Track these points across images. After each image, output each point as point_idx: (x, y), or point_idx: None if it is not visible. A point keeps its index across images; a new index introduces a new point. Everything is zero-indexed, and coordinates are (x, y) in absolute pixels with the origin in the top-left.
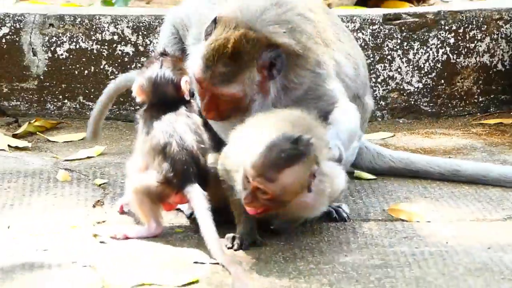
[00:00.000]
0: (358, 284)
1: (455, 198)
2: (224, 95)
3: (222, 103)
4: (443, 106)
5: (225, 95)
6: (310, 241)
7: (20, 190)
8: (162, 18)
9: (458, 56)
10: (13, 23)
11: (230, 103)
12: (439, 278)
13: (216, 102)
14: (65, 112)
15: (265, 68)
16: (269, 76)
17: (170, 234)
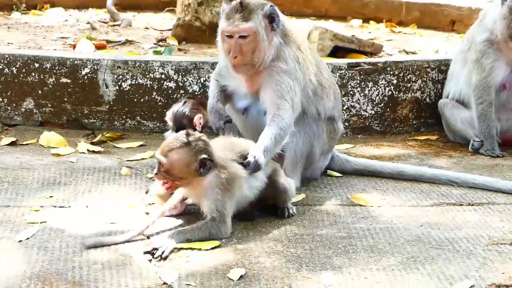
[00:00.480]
0: (330, 250)
1: (397, 190)
2: (245, 30)
3: (244, 45)
4: (388, 127)
5: (245, 30)
6: (296, 219)
7: (95, 181)
8: (196, 63)
9: (399, 92)
10: (92, 65)
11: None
12: (387, 246)
13: (240, 45)
14: (127, 128)
15: (266, 17)
16: (271, 26)
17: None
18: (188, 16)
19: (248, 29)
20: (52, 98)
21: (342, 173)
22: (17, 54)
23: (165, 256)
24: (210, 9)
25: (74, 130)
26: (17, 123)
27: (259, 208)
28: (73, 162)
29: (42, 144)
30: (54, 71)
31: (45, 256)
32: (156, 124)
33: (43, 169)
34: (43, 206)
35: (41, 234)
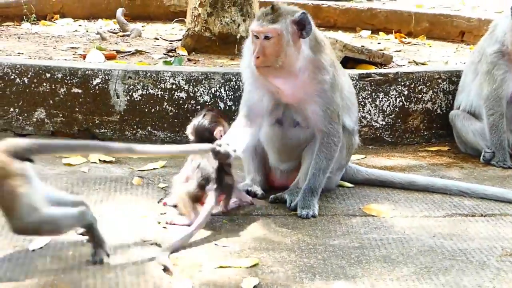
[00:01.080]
0: (343, 260)
1: (409, 201)
2: (269, 31)
3: (267, 47)
4: (399, 137)
5: (270, 30)
6: (309, 229)
7: (107, 190)
8: (206, 73)
9: (410, 103)
10: (104, 75)
11: (273, 46)
12: (400, 256)
13: (263, 47)
14: (138, 137)
15: (295, 23)
16: (300, 33)
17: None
18: (198, 27)
19: (272, 30)
20: (64, 108)
21: (353, 183)
22: (28, 64)
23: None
24: (220, 19)
25: (85, 139)
26: (29, 132)
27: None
28: (85, 171)
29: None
30: (66, 81)
31: (58, 265)
32: (167, 134)
33: (55, 178)
34: None
35: (54, 243)
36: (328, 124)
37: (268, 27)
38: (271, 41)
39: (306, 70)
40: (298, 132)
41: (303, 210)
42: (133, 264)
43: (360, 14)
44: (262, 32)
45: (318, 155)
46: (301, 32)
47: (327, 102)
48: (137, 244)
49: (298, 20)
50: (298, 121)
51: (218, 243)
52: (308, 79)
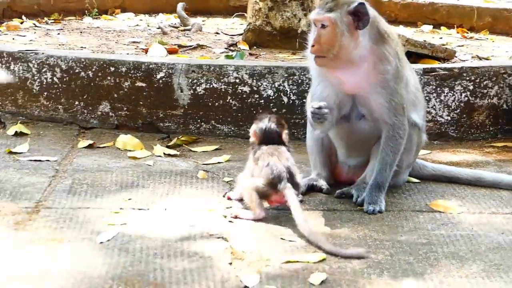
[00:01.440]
0: (411, 256)
1: (476, 197)
2: (324, 20)
3: (323, 36)
4: (464, 133)
5: (324, 19)
6: (375, 225)
7: (172, 183)
8: (270, 67)
9: (476, 98)
10: (167, 70)
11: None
12: (468, 253)
13: (319, 35)
14: (201, 131)
15: (351, 14)
16: (357, 25)
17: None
18: (259, 21)
19: (327, 19)
20: (128, 102)
21: (419, 179)
22: (93, 58)
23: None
24: (281, 14)
25: (149, 133)
26: (93, 126)
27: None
28: (150, 165)
29: (118, 147)
30: (130, 75)
31: (126, 258)
32: (230, 128)
33: (120, 171)
34: (122, 208)
35: (121, 236)
36: (393, 116)
37: (324, 16)
38: (326, 29)
39: (367, 60)
40: (364, 126)
41: (369, 206)
42: (200, 258)
43: (421, 9)
44: (318, 20)
45: (384, 149)
46: (357, 23)
47: (390, 93)
48: (203, 237)
49: (353, 10)
50: (364, 113)
51: (285, 238)
52: (369, 69)
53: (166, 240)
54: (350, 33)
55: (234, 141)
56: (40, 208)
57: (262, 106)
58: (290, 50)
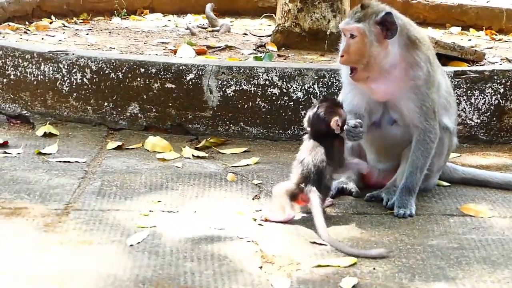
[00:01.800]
0: (443, 261)
1: (507, 201)
2: (352, 29)
3: (352, 46)
4: (494, 136)
5: (353, 29)
6: (406, 229)
7: (201, 186)
8: (300, 69)
9: (506, 101)
10: (197, 71)
11: (357, 45)
12: (500, 258)
13: (349, 45)
14: (230, 133)
15: (378, 24)
16: (386, 34)
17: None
18: (288, 22)
19: (356, 29)
20: (157, 103)
21: (449, 182)
22: (123, 59)
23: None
24: (310, 15)
25: (178, 135)
26: (122, 127)
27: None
28: (179, 167)
29: (147, 149)
30: (159, 76)
31: (156, 261)
32: (259, 130)
33: (149, 173)
34: (152, 210)
35: (151, 238)
36: (424, 120)
37: (353, 26)
38: (355, 39)
39: (397, 67)
40: (396, 131)
41: (400, 209)
42: (230, 261)
43: (450, 10)
44: (347, 30)
45: (415, 152)
46: (386, 33)
47: (421, 98)
48: (233, 240)
49: (380, 20)
50: (395, 119)
51: (315, 241)
52: (400, 76)
53: (196, 243)
54: (379, 43)
55: (263, 143)
56: (70, 210)
57: (292, 108)
58: (319, 51)
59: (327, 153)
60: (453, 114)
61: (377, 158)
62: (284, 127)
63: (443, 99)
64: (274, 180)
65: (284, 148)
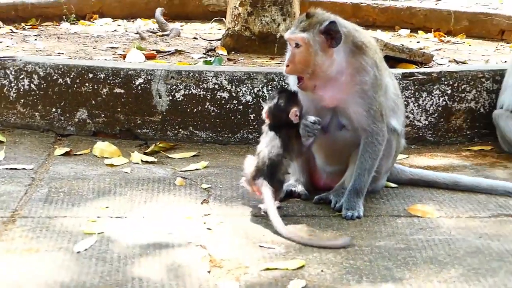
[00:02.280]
0: (390, 261)
1: (453, 201)
2: (297, 39)
3: (297, 55)
4: (442, 137)
5: (297, 39)
6: (354, 230)
7: (150, 191)
8: (249, 73)
9: (453, 103)
10: (146, 76)
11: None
12: (447, 258)
13: (294, 54)
14: (179, 138)
15: (323, 33)
16: (330, 43)
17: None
18: (238, 26)
19: (300, 39)
20: (106, 108)
21: (397, 183)
22: (71, 65)
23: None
24: (260, 19)
25: (127, 140)
26: (70, 133)
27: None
28: (127, 172)
29: (95, 154)
30: (108, 81)
31: (104, 267)
32: (209, 135)
33: (97, 179)
34: (100, 216)
35: (99, 245)
36: (372, 123)
37: (297, 35)
38: (300, 49)
39: (344, 74)
40: (344, 135)
41: (348, 211)
42: (179, 266)
43: (399, 13)
44: (291, 39)
45: (363, 155)
46: (330, 42)
47: (368, 102)
48: (181, 245)
49: (324, 29)
50: (344, 124)
51: (264, 245)
52: (347, 82)
53: (144, 248)
54: (324, 52)
55: (212, 148)
56: (16, 218)
57: (241, 112)
58: (269, 55)
59: (285, 144)
60: (401, 116)
61: (326, 161)
62: (234, 131)
63: (391, 101)
64: (223, 184)
65: (234, 152)
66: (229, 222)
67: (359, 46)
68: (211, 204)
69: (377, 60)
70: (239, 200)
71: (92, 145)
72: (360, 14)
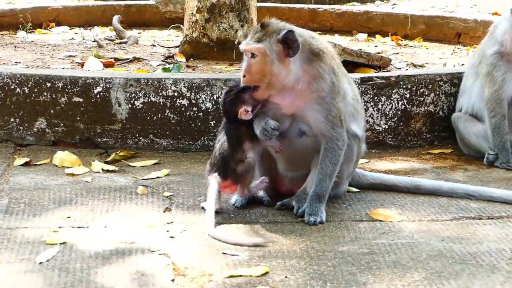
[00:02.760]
0: (353, 266)
1: (415, 205)
2: (253, 50)
3: (253, 65)
4: (402, 141)
5: (253, 49)
6: (317, 236)
7: (111, 200)
8: (208, 80)
9: (412, 106)
10: (105, 84)
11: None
12: (410, 262)
13: (250, 65)
14: (140, 146)
15: (280, 42)
16: (287, 52)
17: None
18: (196, 33)
19: (256, 49)
20: (65, 118)
21: (359, 188)
22: (28, 74)
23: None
24: (217, 25)
25: (87, 149)
26: (30, 143)
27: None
28: (88, 181)
29: (55, 164)
30: (66, 90)
31: (67, 278)
32: (169, 142)
33: (58, 189)
34: (62, 226)
35: (61, 255)
36: (331, 129)
37: (253, 46)
38: (256, 59)
39: (301, 81)
40: (305, 141)
41: (310, 217)
42: (142, 275)
43: (356, 17)
44: (247, 50)
45: (324, 160)
46: (288, 51)
47: (327, 108)
48: (144, 254)
49: (282, 39)
50: (304, 130)
51: (227, 252)
52: (304, 89)
53: (106, 258)
54: (281, 61)
55: (173, 155)
56: None
57: (201, 119)
58: (227, 61)
59: (238, 139)
60: (361, 121)
61: (287, 167)
62: (194, 138)
63: (350, 106)
64: (185, 192)
65: (195, 159)
66: (192, 229)
67: (316, 53)
68: (174, 212)
69: (334, 66)
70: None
71: (52, 154)
72: (317, 19)
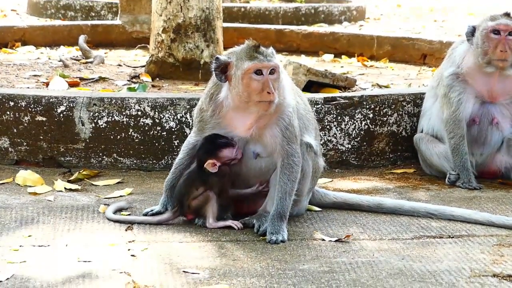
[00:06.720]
0: (314, 284)
1: (377, 223)
2: (275, 65)
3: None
4: (365, 160)
5: (275, 65)
6: (278, 254)
7: (74, 219)
8: (172, 99)
9: (375, 126)
10: (68, 103)
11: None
12: (370, 280)
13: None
14: (103, 165)
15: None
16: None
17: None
18: (162, 53)
19: (275, 65)
20: (28, 137)
21: (321, 207)
22: None
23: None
24: (183, 45)
25: (50, 168)
26: None
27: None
28: (51, 200)
29: (18, 183)
30: (30, 109)
31: None
32: (133, 161)
33: (20, 208)
34: (22, 245)
35: (20, 274)
36: (286, 145)
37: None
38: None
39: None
40: (259, 163)
41: (272, 236)
42: None
43: (322, 38)
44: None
45: (282, 178)
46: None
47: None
48: (105, 273)
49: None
50: (258, 152)
51: (188, 270)
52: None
53: (67, 277)
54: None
55: (137, 174)
56: None
57: (165, 138)
58: (193, 81)
59: (199, 180)
60: (312, 130)
61: (246, 186)
62: (158, 157)
63: (303, 120)
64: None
65: (158, 178)
66: (154, 248)
67: None
68: (136, 231)
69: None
70: (164, 226)
71: (15, 173)
72: (284, 40)
